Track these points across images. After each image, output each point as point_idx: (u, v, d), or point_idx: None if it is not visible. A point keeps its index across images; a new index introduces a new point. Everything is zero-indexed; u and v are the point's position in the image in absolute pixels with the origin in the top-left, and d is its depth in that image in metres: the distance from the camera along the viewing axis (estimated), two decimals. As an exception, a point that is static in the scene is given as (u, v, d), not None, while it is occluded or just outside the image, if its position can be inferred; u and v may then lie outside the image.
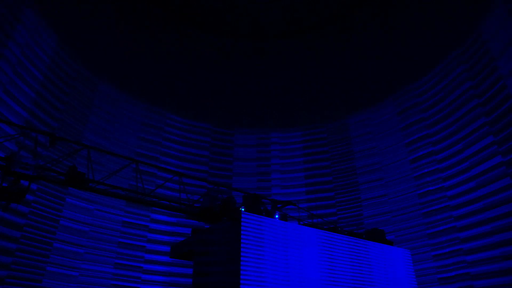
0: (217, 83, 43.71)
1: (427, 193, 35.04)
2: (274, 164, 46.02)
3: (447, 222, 32.50)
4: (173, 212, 21.03)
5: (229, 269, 15.83)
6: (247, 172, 45.38)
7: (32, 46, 31.34)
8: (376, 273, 21.13)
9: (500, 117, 29.74)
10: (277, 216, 18.82)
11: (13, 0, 29.08)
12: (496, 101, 30.23)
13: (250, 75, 43.78)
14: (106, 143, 36.82)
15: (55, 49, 34.09)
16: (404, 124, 39.47)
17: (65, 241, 31.41)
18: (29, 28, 31.10)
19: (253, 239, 16.44)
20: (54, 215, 31.17)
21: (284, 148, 46.97)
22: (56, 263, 30.24)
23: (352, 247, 20.62)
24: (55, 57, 33.95)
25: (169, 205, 19.19)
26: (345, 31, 39.04)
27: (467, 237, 30.65)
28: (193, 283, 17.18)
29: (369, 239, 22.74)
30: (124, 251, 34.83)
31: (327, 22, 39.21)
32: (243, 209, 17.57)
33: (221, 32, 40.66)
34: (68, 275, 30.59)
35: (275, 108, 45.99)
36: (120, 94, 40.17)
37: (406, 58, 37.79)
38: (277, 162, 46.26)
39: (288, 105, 45.71)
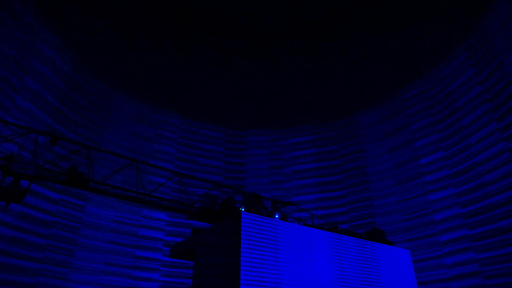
0: (227, 85, 43.74)
1: (436, 191, 34.74)
2: (288, 171, 45.62)
3: (456, 220, 32.28)
4: (172, 212, 21.03)
5: (229, 268, 15.75)
6: (260, 174, 45.23)
7: (48, 61, 32.25)
8: (375, 272, 20.93)
9: (506, 114, 29.41)
10: (277, 216, 18.71)
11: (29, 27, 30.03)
12: (503, 97, 29.92)
13: (258, 76, 43.72)
14: (110, 145, 37.17)
15: (69, 63, 34.88)
16: (409, 120, 39.04)
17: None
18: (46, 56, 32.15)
19: (253, 239, 16.36)
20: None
21: (296, 147, 46.48)
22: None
23: (352, 247, 20.44)
24: (71, 73, 34.83)
25: (169, 205, 19.17)
26: (346, 31, 38.82)
27: (476, 236, 30.40)
28: (193, 283, 17.13)
29: (370, 239, 22.52)
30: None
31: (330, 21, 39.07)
32: (243, 209, 17.50)
33: (227, 34, 40.86)
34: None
35: (283, 108, 45.80)
36: (133, 100, 40.70)
37: (411, 55, 37.42)
38: (289, 162, 45.79)
39: (296, 105, 45.44)
